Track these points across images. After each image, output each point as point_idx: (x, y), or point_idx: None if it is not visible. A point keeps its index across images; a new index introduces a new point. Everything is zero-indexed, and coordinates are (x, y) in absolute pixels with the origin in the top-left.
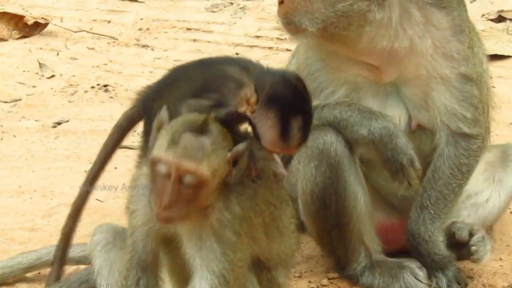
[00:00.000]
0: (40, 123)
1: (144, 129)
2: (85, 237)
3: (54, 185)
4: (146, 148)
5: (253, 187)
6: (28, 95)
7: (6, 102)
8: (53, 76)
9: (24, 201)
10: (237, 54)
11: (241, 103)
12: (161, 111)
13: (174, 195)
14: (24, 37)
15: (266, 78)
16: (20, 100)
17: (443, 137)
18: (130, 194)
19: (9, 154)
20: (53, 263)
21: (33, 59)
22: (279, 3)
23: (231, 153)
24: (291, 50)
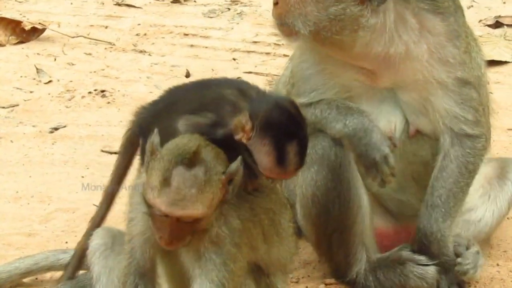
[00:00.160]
0: (37, 128)
1: (141, 149)
2: None
3: (51, 191)
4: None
5: (251, 199)
6: (25, 101)
7: (3, 107)
8: (50, 81)
9: (21, 207)
10: (234, 59)
11: (236, 130)
12: (152, 135)
13: (174, 231)
14: (21, 42)
15: (260, 105)
16: (17, 105)
17: (448, 139)
18: (128, 201)
19: (6, 159)
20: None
21: (30, 65)
22: (274, 4)
23: (225, 175)
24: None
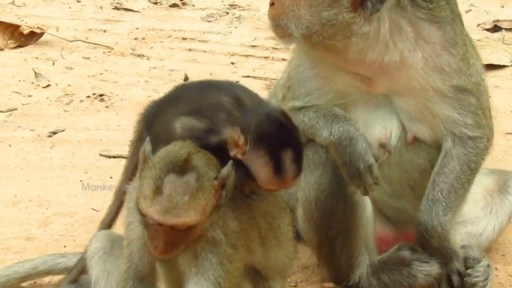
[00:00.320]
0: (35, 132)
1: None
2: (81, 247)
3: (49, 195)
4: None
5: (248, 201)
6: (23, 105)
7: (1, 111)
8: (48, 85)
9: (19, 211)
10: (232, 63)
11: (230, 147)
12: (144, 143)
13: (168, 240)
14: (19, 46)
15: (251, 118)
16: (15, 109)
17: (449, 140)
18: (126, 206)
19: (4, 163)
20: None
21: (28, 69)
22: (270, 5)
23: (217, 180)
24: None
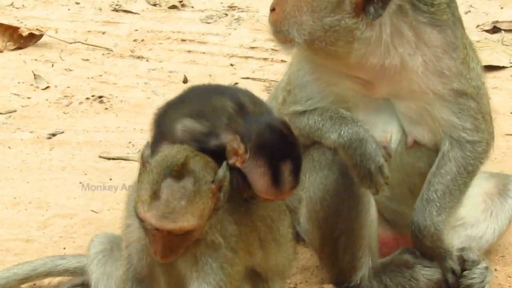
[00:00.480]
0: (35, 134)
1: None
2: (81, 248)
3: (49, 197)
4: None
5: (246, 204)
6: (23, 107)
7: (1, 113)
8: (48, 87)
9: (19, 212)
10: (232, 65)
11: (229, 156)
12: (143, 148)
13: (166, 244)
14: (19, 48)
15: (251, 127)
16: (15, 111)
17: (447, 144)
18: (125, 208)
19: (4, 165)
20: None
21: (28, 71)
22: (271, 11)
23: (214, 183)
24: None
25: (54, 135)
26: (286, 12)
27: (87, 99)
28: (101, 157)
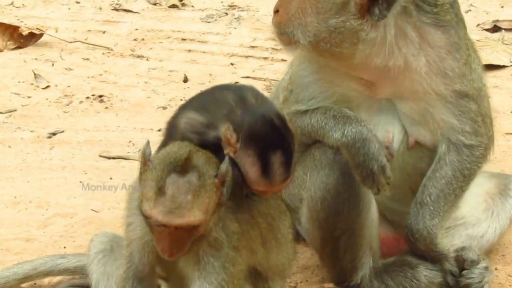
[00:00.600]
0: (35, 133)
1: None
2: (81, 247)
3: (49, 196)
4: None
5: (248, 201)
6: (23, 106)
7: (1, 112)
8: (48, 86)
9: (19, 212)
10: (232, 64)
11: (224, 146)
12: (144, 146)
13: (173, 241)
14: (19, 47)
15: (245, 117)
16: (15, 110)
17: (444, 147)
18: (126, 206)
19: (4, 165)
20: None
21: (28, 70)
22: (274, 12)
23: (217, 178)
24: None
25: (54, 134)
26: (290, 14)
27: (87, 98)
28: (101, 156)
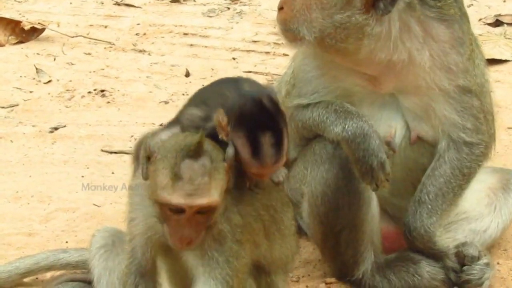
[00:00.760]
0: (37, 128)
1: None
2: (83, 242)
3: (51, 190)
4: None
5: (250, 193)
6: (25, 101)
7: (3, 107)
8: (50, 81)
9: (21, 206)
10: (234, 59)
11: (218, 131)
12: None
13: (191, 227)
14: (21, 42)
15: (235, 99)
16: (17, 105)
17: (444, 144)
18: (129, 202)
19: (6, 159)
20: None
21: (30, 65)
22: (279, 9)
23: (226, 161)
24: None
25: (56, 129)
26: (295, 10)
27: (89, 93)
28: (103, 151)
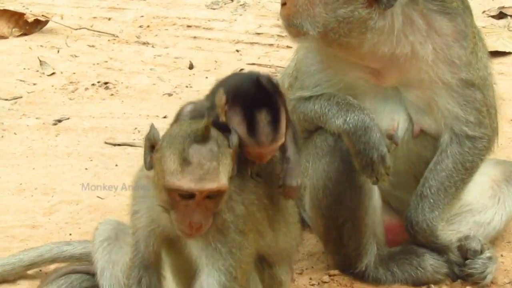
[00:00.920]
0: (40, 120)
1: None
2: (86, 234)
3: (54, 183)
4: None
5: (253, 182)
6: (28, 93)
7: (6, 99)
8: (53, 73)
9: (25, 199)
10: (237, 51)
11: (218, 112)
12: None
13: (200, 213)
14: (24, 34)
15: (233, 80)
16: (20, 97)
17: (447, 137)
18: (132, 194)
19: (9, 151)
20: None
21: (33, 57)
22: (282, 5)
23: (231, 147)
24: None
25: (60, 121)
26: (298, 5)
27: (93, 85)
28: (106, 143)
